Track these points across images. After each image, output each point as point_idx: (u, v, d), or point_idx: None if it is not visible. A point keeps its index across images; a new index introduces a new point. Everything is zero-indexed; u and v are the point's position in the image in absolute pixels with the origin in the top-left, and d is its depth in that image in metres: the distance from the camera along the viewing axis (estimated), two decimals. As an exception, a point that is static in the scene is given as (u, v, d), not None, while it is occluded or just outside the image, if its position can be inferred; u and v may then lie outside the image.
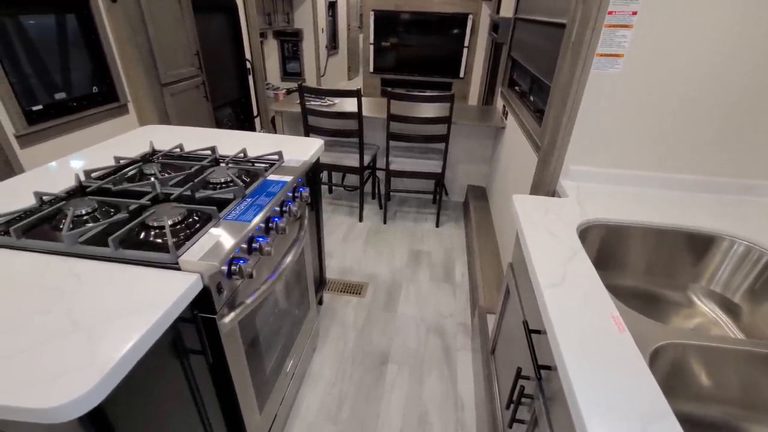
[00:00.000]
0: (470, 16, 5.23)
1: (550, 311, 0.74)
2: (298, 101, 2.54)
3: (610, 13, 1.04)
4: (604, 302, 0.77)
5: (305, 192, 1.28)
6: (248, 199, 1.06)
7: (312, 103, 2.66)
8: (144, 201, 0.99)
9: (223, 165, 1.25)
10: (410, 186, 3.15)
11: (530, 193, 1.45)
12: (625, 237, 1.08)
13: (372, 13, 5.46)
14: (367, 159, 2.65)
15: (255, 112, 4.10)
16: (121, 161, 1.26)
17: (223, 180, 1.16)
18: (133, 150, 1.43)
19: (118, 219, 0.91)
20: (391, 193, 3.20)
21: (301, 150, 1.49)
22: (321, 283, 1.93)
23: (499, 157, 2.61)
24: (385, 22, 5.55)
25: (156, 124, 2.55)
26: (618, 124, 1.18)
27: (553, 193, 1.32)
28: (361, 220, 2.84)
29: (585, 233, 1.06)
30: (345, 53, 7.39)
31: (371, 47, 5.73)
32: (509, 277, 1.24)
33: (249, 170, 1.22)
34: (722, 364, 0.74)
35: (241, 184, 1.09)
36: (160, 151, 1.38)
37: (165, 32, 2.47)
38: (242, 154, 1.35)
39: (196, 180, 1.09)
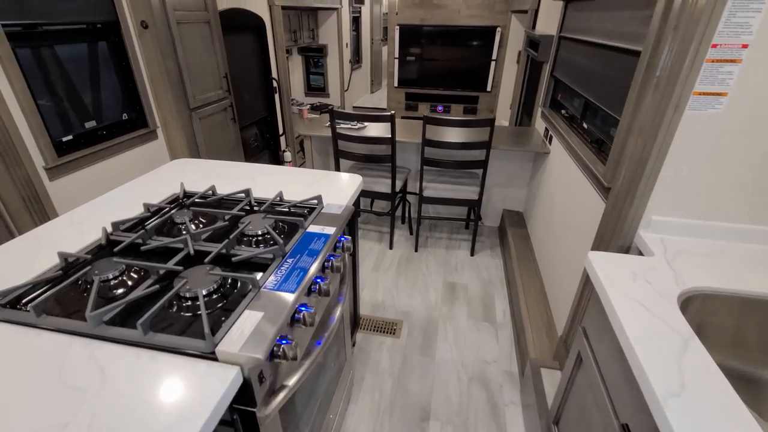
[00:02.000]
0: (498, 29, 5.09)
1: (678, 437, 0.58)
2: (327, 124, 2.45)
3: (714, 46, 0.88)
4: (747, 427, 0.60)
5: (347, 242, 1.15)
6: (289, 260, 0.94)
7: (342, 126, 2.56)
8: (174, 266, 0.88)
9: (259, 213, 1.14)
10: (443, 211, 3.00)
11: (597, 242, 1.28)
12: (739, 310, 0.90)
13: (397, 27, 5.39)
14: (398, 184, 2.52)
15: (281, 131, 4.04)
16: (150, 209, 1.16)
17: (260, 232, 1.05)
18: (164, 189, 1.34)
19: (147, 293, 0.81)
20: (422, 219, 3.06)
21: (340, 190, 1.37)
22: (355, 324, 1.80)
23: (540, 182, 2.43)
24: (411, 36, 5.47)
25: (184, 150, 2.50)
26: (715, 170, 1.01)
27: (629, 247, 1.15)
28: (391, 247, 2.70)
29: (686, 305, 0.89)
30: (368, 66, 7.35)
31: (396, 61, 5.66)
32: (581, 342, 1.07)
33: (287, 220, 1.11)
34: None
35: (281, 241, 0.97)
36: (191, 194, 1.29)
37: (194, 56, 2.43)
38: (279, 198, 1.24)
39: (231, 236, 0.98)
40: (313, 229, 1.09)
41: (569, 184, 1.83)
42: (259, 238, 1.05)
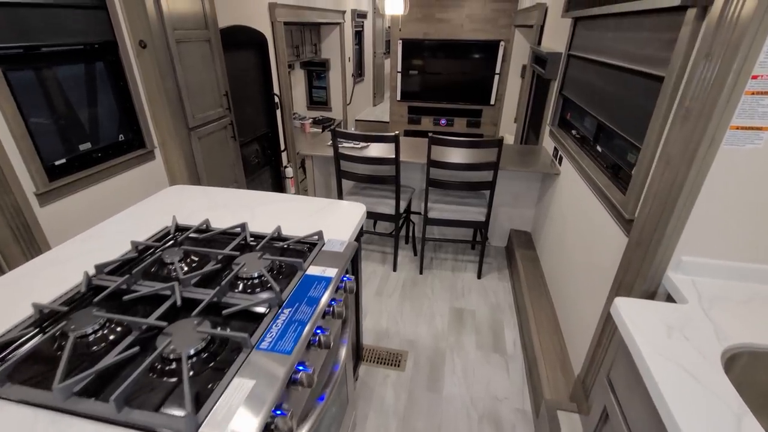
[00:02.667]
0: (501, 44, 5.07)
1: None
2: (329, 143, 2.38)
3: (755, 77, 0.80)
4: None
5: (351, 282, 1.06)
6: (286, 311, 0.85)
7: (344, 146, 2.49)
8: (156, 321, 0.80)
9: (255, 252, 1.06)
10: (448, 232, 2.91)
11: (619, 279, 1.19)
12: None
13: (400, 41, 5.37)
14: (402, 205, 2.44)
15: (282, 147, 3.99)
16: (138, 247, 1.08)
17: (255, 275, 0.96)
18: (156, 221, 1.26)
19: (125, 356, 0.72)
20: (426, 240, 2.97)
21: (342, 221, 1.28)
22: (358, 356, 1.70)
23: (550, 203, 2.35)
24: (413, 50, 5.44)
25: (182, 170, 2.44)
26: (754, 208, 0.92)
27: (656, 290, 1.06)
28: (395, 269, 2.61)
29: (729, 364, 0.80)
30: (370, 79, 7.34)
31: (399, 75, 5.63)
32: (607, 395, 0.98)
33: (285, 260, 1.02)
34: None
35: (277, 287, 0.89)
36: (184, 228, 1.21)
37: (194, 75, 2.38)
38: (277, 234, 1.16)
39: (223, 282, 0.90)
40: (313, 270, 1.00)
41: (583, 209, 1.74)
42: (255, 281, 0.96)
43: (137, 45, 2.11)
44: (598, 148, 1.73)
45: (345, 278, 1.07)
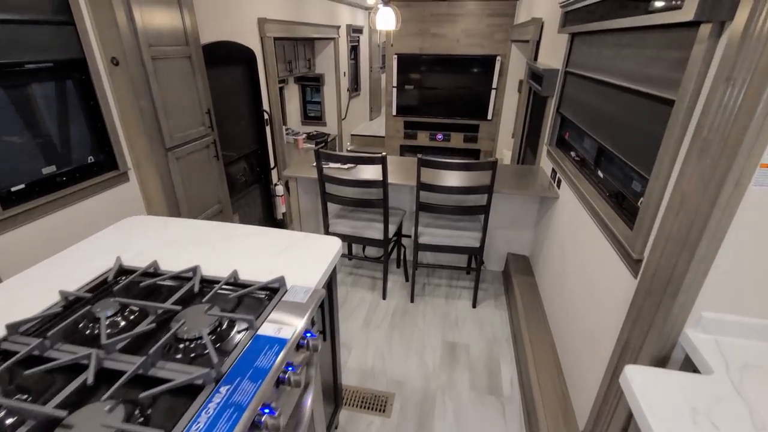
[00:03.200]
0: (498, 58, 5.00)
1: None
2: (314, 164, 2.24)
3: (791, 106, 0.66)
4: None
5: (314, 340, 0.91)
6: (223, 389, 0.70)
7: (330, 167, 2.36)
8: (54, 410, 0.64)
9: (201, 304, 0.91)
10: (442, 258, 2.76)
11: (627, 330, 1.03)
12: None
13: (395, 56, 5.31)
14: (392, 229, 2.29)
15: (272, 164, 3.86)
16: (68, 298, 0.93)
17: (196, 335, 0.81)
18: (102, 261, 1.11)
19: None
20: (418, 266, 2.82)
21: (313, 261, 1.14)
22: (336, 404, 1.53)
23: (548, 228, 2.20)
24: (409, 65, 5.37)
25: (158, 192, 2.30)
26: (788, 260, 0.78)
27: (671, 350, 0.90)
28: (384, 297, 2.45)
29: (770, 464, 0.64)
30: (367, 94, 7.28)
31: (394, 90, 5.55)
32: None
33: (234, 317, 0.87)
34: None
35: (215, 358, 0.73)
36: (129, 271, 1.06)
37: (172, 93, 2.26)
38: (233, 279, 1.01)
39: (152, 350, 0.74)
40: (267, 329, 0.85)
41: (584, 239, 1.59)
42: (195, 343, 0.81)
43: (109, 62, 2.00)
44: (600, 173, 1.59)
45: (308, 334, 0.91)
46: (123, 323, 0.88)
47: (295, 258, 1.16)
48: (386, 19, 3.09)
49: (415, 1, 4.84)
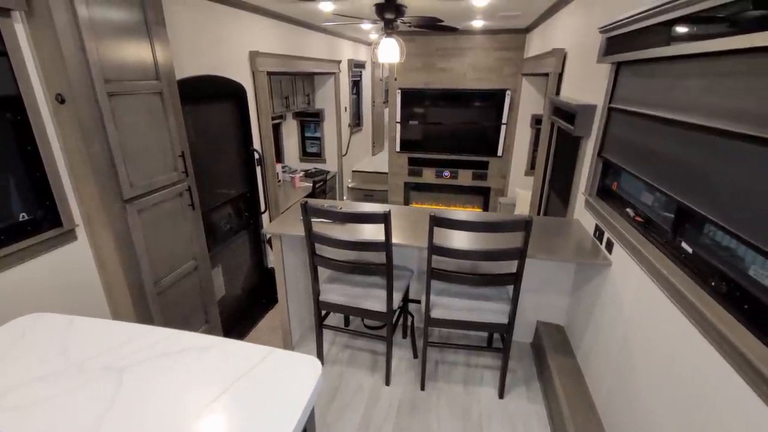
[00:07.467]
0: (508, 92, 4.72)
1: None
2: (301, 218, 1.83)
3: None
4: None
5: None
6: None
7: (321, 222, 1.95)
8: None
9: None
10: (457, 333, 2.28)
11: None
12: None
13: (399, 91, 5.06)
14: (397, 297, 1.84)
15: (263, 208, 3.48)
16: None
17: None
18: None
19: None
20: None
21: (278, 399, 0.69)
22: None
23: (596, 297, 1.74)
24: (414, 100, 5.11)
25: (112, 252, 1.89)
26: None
27: None
28: (388, 383, 1.96)
29: None
30: (369, 129, 7.04)
31: (398, 126, 5.26)
32: None
33: None
34: None
35: None
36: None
37: (134, 134, 1.90)
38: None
39: None
40: None
41: (667, 334, 1.14)
42: None
43: (53, 99, 1.64)
44: (685, 245, 1.16)
45: None
46: None
47: (253, 392, 0.72)
48: (389, 51, 2.79)
49: (420, 35, 4.63)
